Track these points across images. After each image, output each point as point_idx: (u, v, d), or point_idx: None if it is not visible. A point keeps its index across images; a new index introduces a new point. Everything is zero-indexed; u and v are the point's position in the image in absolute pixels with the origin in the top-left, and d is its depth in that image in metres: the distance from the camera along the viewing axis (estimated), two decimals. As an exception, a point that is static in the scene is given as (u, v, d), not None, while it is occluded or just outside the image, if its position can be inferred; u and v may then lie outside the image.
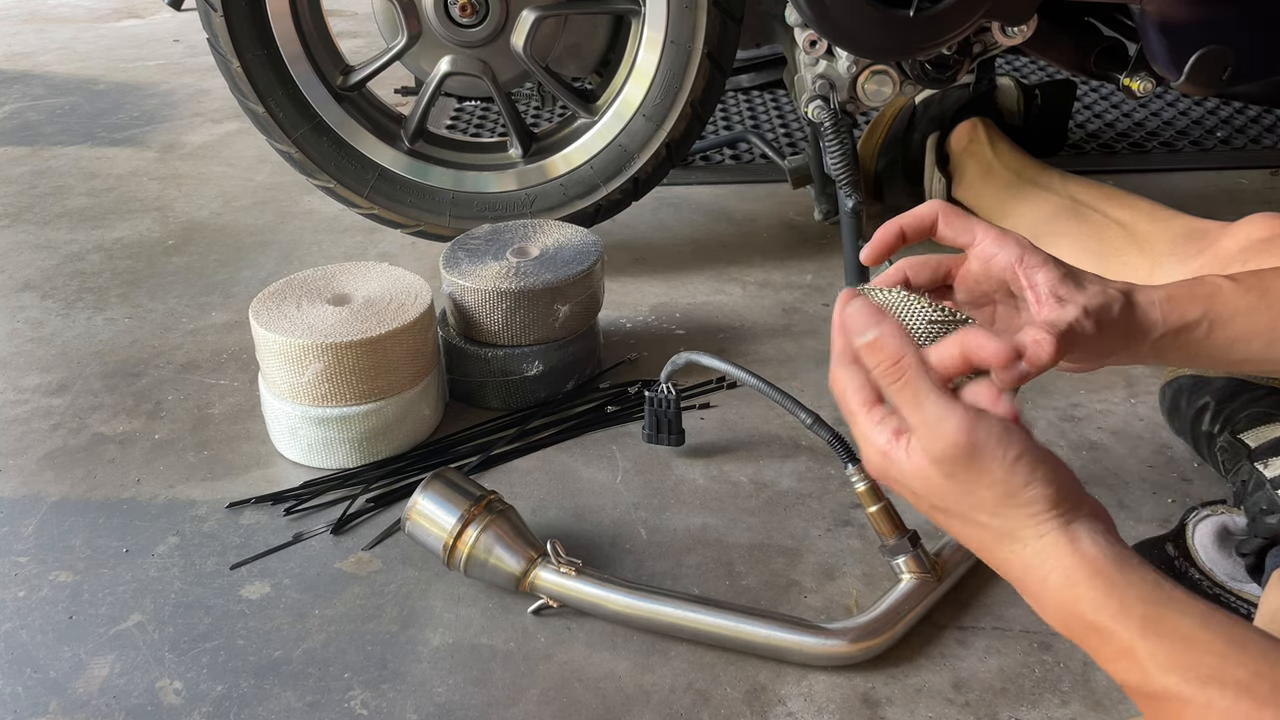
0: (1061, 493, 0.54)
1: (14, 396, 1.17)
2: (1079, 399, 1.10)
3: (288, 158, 1.34)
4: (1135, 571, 0.53)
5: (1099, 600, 0.52)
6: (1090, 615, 0.52)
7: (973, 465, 0.54)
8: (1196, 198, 1.55)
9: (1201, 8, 1.15)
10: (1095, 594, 0.52)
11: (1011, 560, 0.55)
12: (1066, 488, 0.54)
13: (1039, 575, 0.54)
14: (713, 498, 0.98)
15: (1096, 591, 0.52)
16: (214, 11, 1.25)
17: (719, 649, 0.81)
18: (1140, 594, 0.52)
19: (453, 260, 1.12)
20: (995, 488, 0.54)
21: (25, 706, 0.78)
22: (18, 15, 2.85)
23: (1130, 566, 0.53)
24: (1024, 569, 0.55)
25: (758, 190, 1.64)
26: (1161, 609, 0.51)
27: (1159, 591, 0.52)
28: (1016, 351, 0.58)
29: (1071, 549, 0.53)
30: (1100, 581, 0.52)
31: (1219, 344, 0.72)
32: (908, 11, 1.11)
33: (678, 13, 1.25)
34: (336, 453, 1.02)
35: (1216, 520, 0.84)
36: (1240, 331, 0.72)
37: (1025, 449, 0.54)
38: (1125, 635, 0.51)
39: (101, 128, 2.00)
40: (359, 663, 0.81)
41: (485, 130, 1.89)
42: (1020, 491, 0.54)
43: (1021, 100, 1.53)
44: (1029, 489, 0.53)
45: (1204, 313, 0.71)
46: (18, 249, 1.52)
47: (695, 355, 1.00)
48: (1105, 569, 0.53)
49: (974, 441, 0.53)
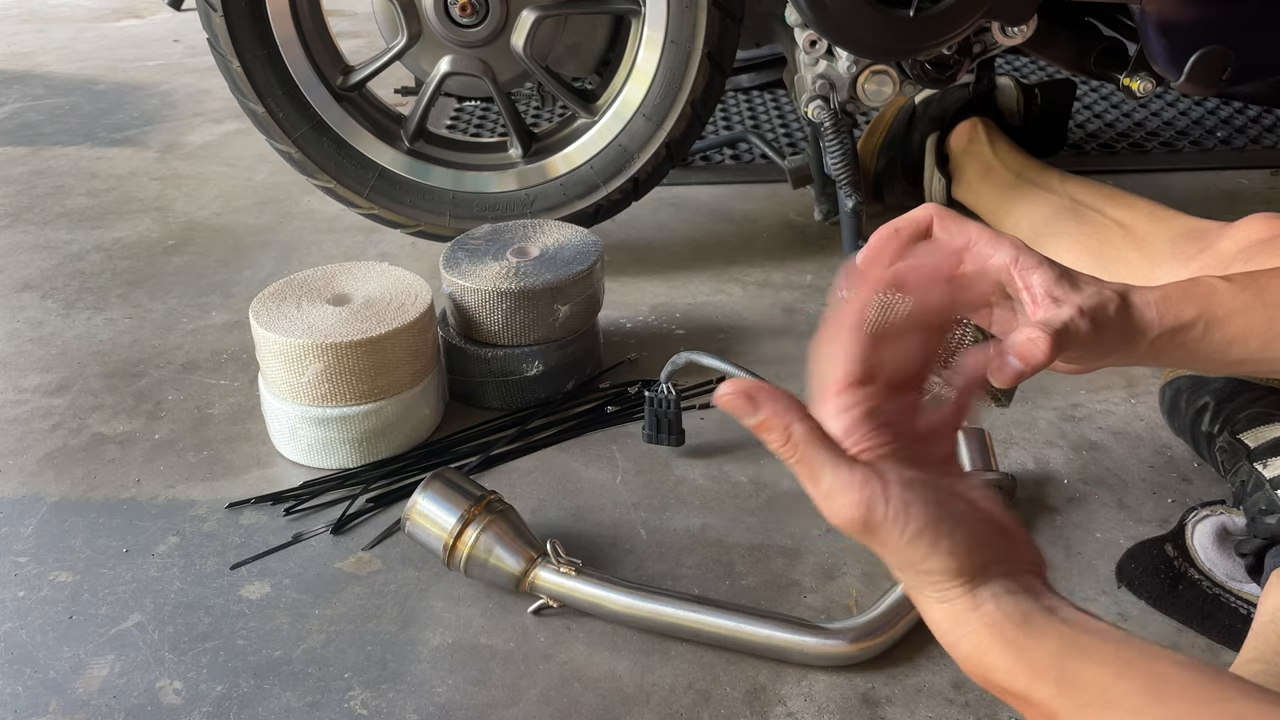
0: (965, 565, 0.51)
1: (14, 396, 1.17)
2: (1079, 399, 1.10)
3: (288, 158, 1.34)
4: (1041, 629, 0.50)
5: (1010, 669, 0.50)
6: (1005, 684, 0.50)
7: (871, 537, 0.51)
8: (1196, 198, 1.55)
9: (1201, 8, 1.15)
10: (1006, 662, 0.50)
11: (925, 614, 0.54)
12: (976, 559, 0.52)
13: (949, 639, 0.52)
14: (713, 498, 0.98)
15: (1007, 660, 0.50)
16: (214, 11, 1.25)
17: (719, 649, 0.81)
18: (1050, 654, 0.49)
19: (453, 260, 1.12)
20: (895, 556, 0.52)
21: (25, 706, 0.78)
22: (17, 15, 2.85)
23: (1036, 624, 0.50)
24: (934, 626, 0.53)
25: (758, 190, 1.64)
26: (1075, 665, 0.49)
27: (1070, 648, 0.49)
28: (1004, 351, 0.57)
29: (975, 616, 0.51)
30: (1010, 650, 0.50)
31: (1215, 344, 0.72)
32: (908, 11, 1.11)
33: (678, 13, 1.25)
34: (336, 453, 1.02)
35: (1216, 520, 0.84)
36: (1236, 331, 0.72)
37: (925, 525, 0.51)
38: (1043, 701, 0.49)
39: (101, 128, 2.00)
40: (359, 663, 0.81)
41: (485, 130, 1.89)
42: (919, 563, 0.52)
43: (1021, 100, 1.53)
44: (927, 562, 0.51)
45: (1200, 313, 0.70)
46: (18, 249, 1.52)
47: (695, 355, 1.01)
48: (1012, 635, 0.50)
49: (868, 517, 0.51)
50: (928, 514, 0.51)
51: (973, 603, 0.52)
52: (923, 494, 0.51)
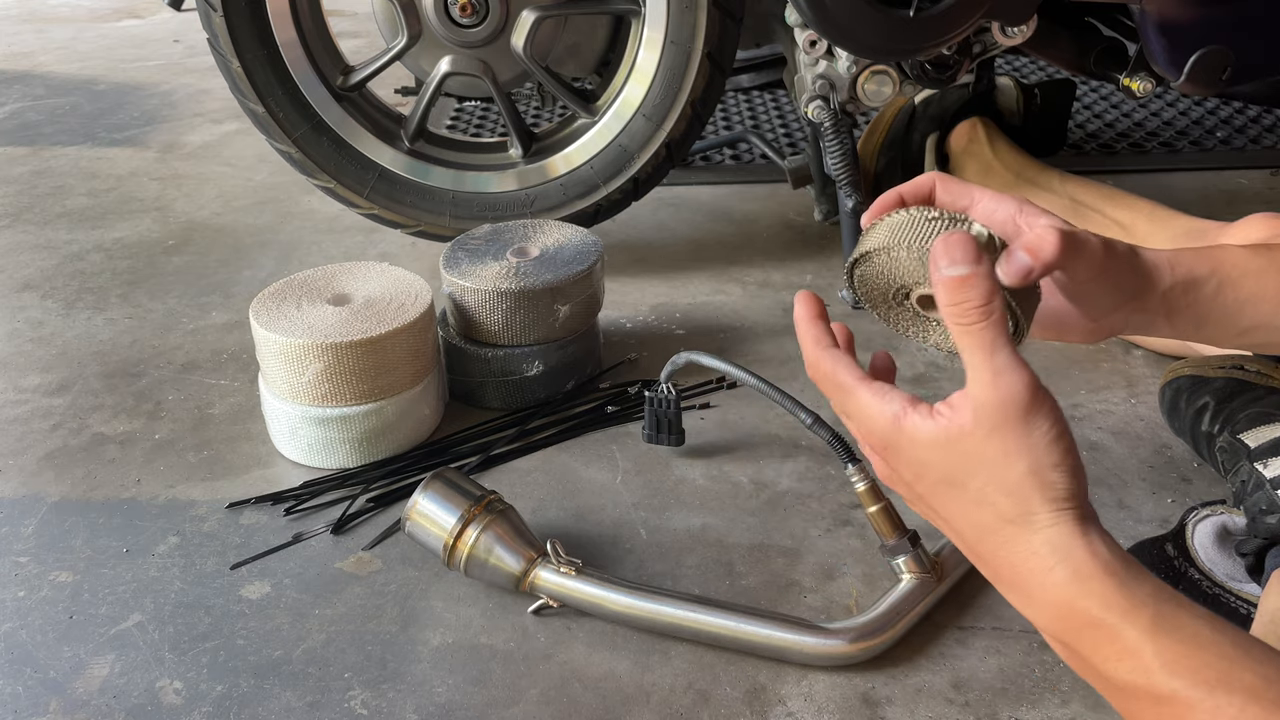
0: (1082, 487, 0.53)
1: (14, 396, 1.17)
2: (1079, 399, 1.10)
3: (288, 158, 1.34)
4: (1144, 573, 0.52)
5: (1109, 597, 0.51)
6: (1097, 611, 0.51)
7: (1021, 425, 0.52)
8: (1196, 198, 1.55)
9: (1201, 8, 1.15)
10: (1106, 590, 0.51)
11: (1012, 547, 0.54)
12: (1085, 489, 0.54)
13: (1044, 565, 0.52)
14: (713, 498, 0.98)
15: (1108, 588, 0.51)
16: (214, 11, 1.25)
17: (719, 649, 0.81)
18: (1150, 593, 0.51)
19: (453, 260, 1.12)
20: (1027, 458, 0.52)
21: (25, 706, 0.78)
22: (17, 15, 2.85)
23: (1138, 568, 0.52)
24: (1027, 555, 0.53)
25: (758, 190, 1.64)
26: (1171, 609, 0.50)
27: (1166, 592, 0.51)
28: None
29: (1085, 542, 0.52)
30: (1112, 579, 0.51)
31: (1229, 304, 0.70)
32: (908, 11, 1.11)
33: (678, 13, 1.25)
34: (336, 453, 1.02)
35: (1216, 520, 0.84)
36: (1249, 293, 0.70)
37: (1067, 431, 0.53)
38: (1133, 634, 0.50)
39: (101, 128, 2.00)
40: (359, 663, 0.81)
41: (485, 130, 1.89)
42: (1048, 471, 0.52)
43: (1021, 100, 1.53)
44: (1057, 470, 0.52)
45: (1212, 270, 0.69)
46: (18, 249, 1.52)
47: (695, 355, 1.00)
48: (1117, 567, 0.51)
49: (1035, 400, 0.52)
50: (1068, 427, 0.54)
51: (1082, 530, 0.52)
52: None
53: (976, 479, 0.54)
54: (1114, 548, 0.53)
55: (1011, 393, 0.52)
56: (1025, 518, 0.53)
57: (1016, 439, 0.53)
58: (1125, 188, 1.29)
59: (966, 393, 0.54)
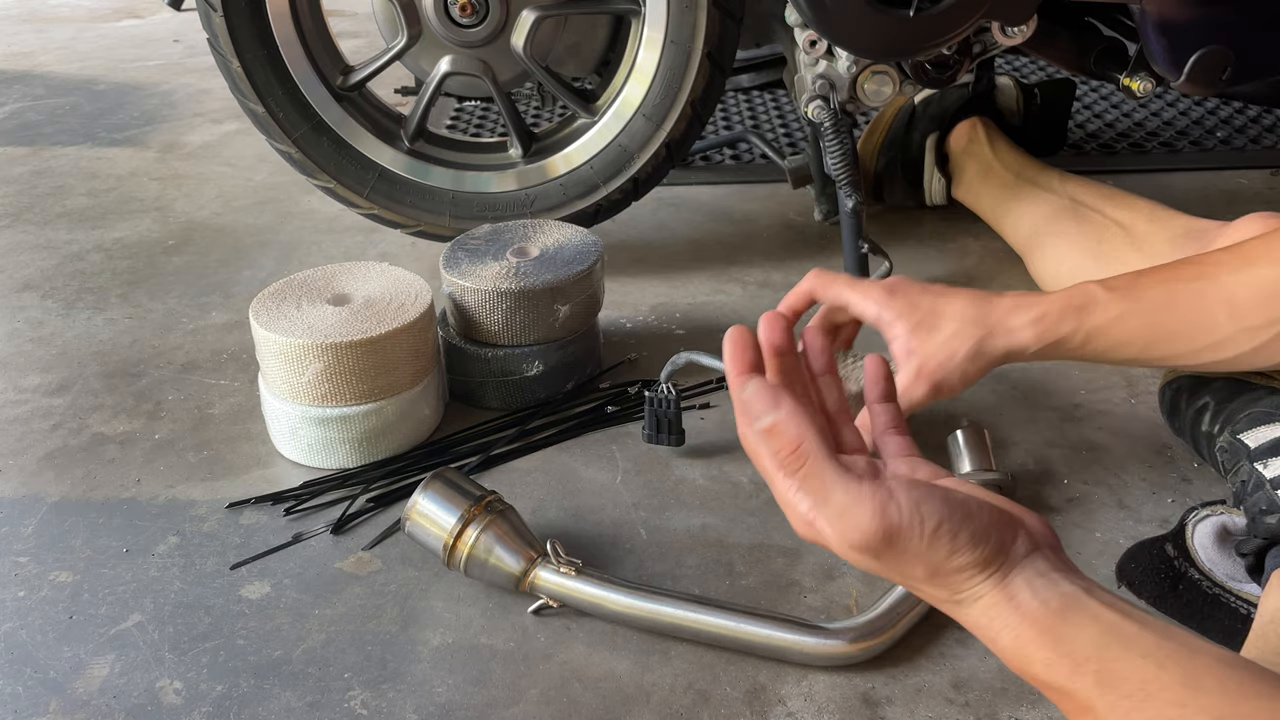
0: (990, 550, 0.51)
1: (14, 396, 1.17)
2: (1079, 399, 1.10)
3: (288, 158, 1.34)
4: (1081, 616, 0.50)
5: (1050, 661, 0.49)
6: (1044, 677, 0.50)
7: (892, 548, 0.51)
8: (1196, 198, 1.55)
9: (1201, 8, 1.15)
10: (1045, 654, 0.49)
11: (962, 619, 0.53)
12: (995, 541, 0.51)
13: (990, 633, 0.52)
14: (713, 498, 0.98)
15: (1045, 651, 0.49)
16: (214, 11, 1.25)
17: (719, 649, 0.81)
18: (1089, 644, 0.49)
19: (453, 260, 1.12)
20: (920, 564, 0.51)
21: (25, 706, 0.78)
22: (17, 15, 2.85)
23: (1074, 611, 0.50)
24: (974, 628, 0.53)
25: (758, 190, 1.64)
26: (1114, 657, 0.48)
27: (1111, 633, 0.49)
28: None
29: (1011, 608, 0.51)
30: (1047, 640, 0.50)
31: (1098, 350, 0.81)
32: (908, 11, 1.11)
33: (678, 13, 1.25)
34: (336, 453, 1.02)
35: (1216, 520, 0.84)
36: (1116, 339, 0.80)
37: (942, 517, 0.51)
38: (1082, 694, 0.49)
39: (102, 128, 2.00)
40: (359, 663, 0.81)
41: (485, 130, 1.89)
42: (945, 564, 0.51)
43: (1021, 100, 1.53)
44: (953, 558, 0.51)
45: (1076, 326, 0.79)
46: (18, 249, 1.52)
47: (695, 355, 1.00)
48: (1050, 624, 0.50)
49: (887, 526, 0.50)
50: (939, 509, 0.51)
51: (1006, 594, 0.51)
52: (927, 490, 0.51)
53: (896, 578, 0.54)
54: (1048, 595, 0.50)
55: (860, 532, 0.51)
56: (953, 600, 0.53)
57: (897, 557, 0.51)
58: (1125, 188, 1.29)
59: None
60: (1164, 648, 0.48)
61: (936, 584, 0.52)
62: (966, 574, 0.51)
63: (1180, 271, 0.82)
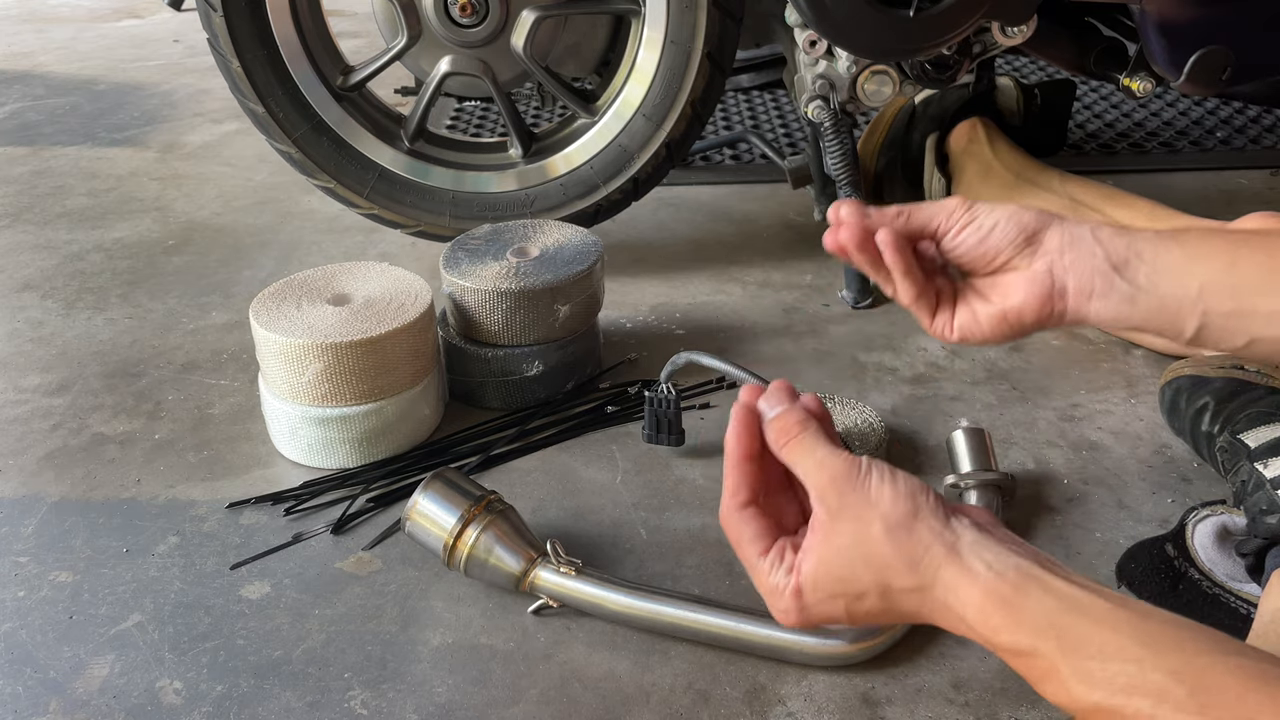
0: (945, 517, 0.56)
1: (14, 396, 1.17)
2: (1079, 399, 1.10)
3: (288, 158, 1.34)
4: (1037, 584, 0.53)
5: (1011, 629, 0.52)
6: (1010, 645, 0.52)
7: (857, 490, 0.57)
8: (1196, 198, 1.55)
9: (1201, 8, 1.15)
10: (1007, 624, 0.52)
11: (929, 612, 0.56)
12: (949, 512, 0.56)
13: (954, 616, 0.55)
14: (713, 498, 0.98)
15: (1008, 621, 0.52)
16: (214, 11, 1.25)
17: (719, 649, 0.81)
18: (1047, 610, 0.52)
19: (453, 260, 1.12)
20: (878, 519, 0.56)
21: (25, 706, 0.78)
22: (17, 15, 2.85)
23: (1029, 583, 0.53)
24: (942, 612, 0.56)
25: (758, 190, 1.64)
26: (1071, 620, 0.51)
27: (1065, 602, 0.52)
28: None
29: (969, 580, 0.54)
30: (1009, 611, 0.52)
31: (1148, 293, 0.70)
32: (908, 11, 1.11)
33: (678, 13, 1.25)
34: (336, 453, 1.02)
35: (1216, 520, 0.84)
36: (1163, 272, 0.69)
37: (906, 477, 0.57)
38: (1046, 658, 0.51)
39: (102, 128, 2.00)
40: (359, 663, 0.81)
41: (485, 130, 1.89)
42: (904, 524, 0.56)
43: (1021, 100, 1.53)
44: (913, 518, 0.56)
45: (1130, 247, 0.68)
46: (18, 249, 1.52)
47: (695, 355, 1.00)
48: (1008, 596, 0.53)
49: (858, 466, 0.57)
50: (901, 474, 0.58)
51: (961, 567, 0.54)
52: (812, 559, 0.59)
53: (860, 570, 0.57)
54: (1003, 570, 0.53)
55: (836, 469, 0.58)
56: (917, 579, 0.56)
57: (860, 504, 0.57)
58: (1125, 188, 1.29)
59: (811, 498, 0.59)
60: (1117, 614, 0.51)
61: (895, 551, 0.56)
62: (920, 537, 0.55)
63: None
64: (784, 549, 0.60)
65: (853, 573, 0.57)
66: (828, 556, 0.58)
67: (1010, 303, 0.66)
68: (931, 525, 0.56)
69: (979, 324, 0.67)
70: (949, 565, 0.55)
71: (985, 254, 0.66)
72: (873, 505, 0.56)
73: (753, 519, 0.62)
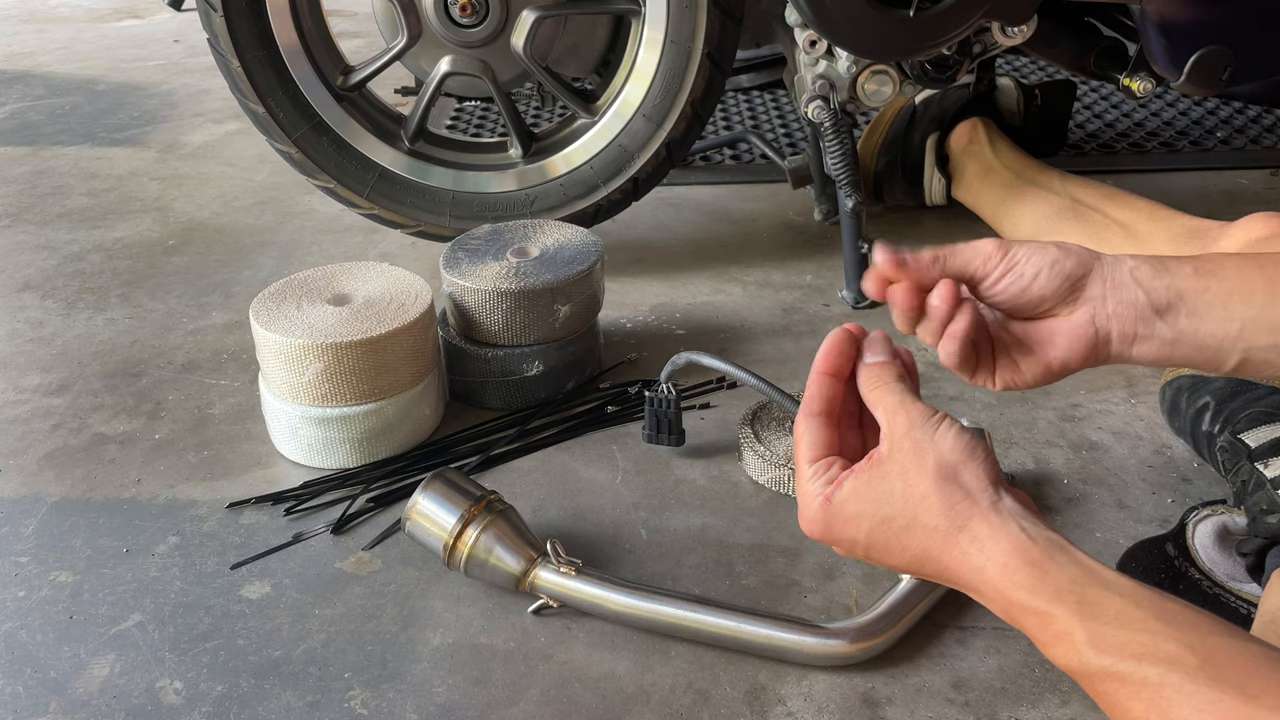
0: (994, 479, 0.59)
1: (14, 396, 1.17)
2: (1079, 399, 1.10)
3: (288, 158, 1.34)
4: (1065, 554, 0.55)
5: (1034, 586, 0.55)
6: (1028, 601, 0.55)
7: (926, 426, 0.60)
8: (1196, 198, 1.55)
9: (1201, 8, 1.15)
10: (1030, 580, 0.55)
11: (947, 556, 0.59)
12: (998, 478, 0.59)
13: (974, 565, 0.57)
14: (713, 498, 0.98)
15: (1031, 578, 0.55)
16: (214, 11, 1.25)
17: (719, 649, 0.81)
18: (1072, 577, 0.54)
19: (453, 260, 1.12)
20: (932, 454, 0.59)
21: (25, 706, 0.78)
22: (18, 15, 2.85)
23: (1058, 551, 0.56)
24: (960, 561, 0.58)
25: (758, 190, 1.64)
26: (1094, 591, 0.53)
27: (1090, 574, 0.54)
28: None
29: (1005, 534, 0.56)
30: (1034, 570, 0.55)
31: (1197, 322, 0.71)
32: (908, 11, 1.11)
33: (678, 13, 1.25)
34: (337, 453, 1.02)
35: (1216, 520, 0.84)
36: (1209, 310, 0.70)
37: (972, 435, 0.61)
38: (1062, 619, 0.53)
39: (102, 128, 2.00)
40: (359, 663, 0.81)
41: (485, 130, 1.89)
42: (958, 466, 0.59)
43: (1021, 100, 1.53)
44: (966, 466, 0.59)
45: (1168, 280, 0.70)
46: (18, 249, 1.52)
47: (695, 355, 1.00)
48: (1036, 557, 0.55)
49: (934, 412, 0.61)
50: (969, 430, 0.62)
51: (999, 521, 0.57)
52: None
53: (897, 502, 0.60)
54: (1035, 535, 0.56)
55: (914, 412, 0.61)
56: (948, 520, 0.58)
57: (922, 441, 0.60)
58: (1125, 188, 1.29)
59: (882, 433, 0.62)
60: (1139, 591, 0.53)
61: (939, 489, 0.58)
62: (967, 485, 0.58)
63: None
64: (833, 464, 0.64)
65: (889, 497, 0.60)
66: (872, 480, 0.61)
67: (1055, 355, 0.66)
68: (979, 477, 0.58)
69: (1022, 376, 0.68)
70: (984, 519, 0.57)
71: (1027, 304, 0.66)
72: (934, 444, 0.59)
73: (817, 428, 0.65)
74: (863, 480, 0.61)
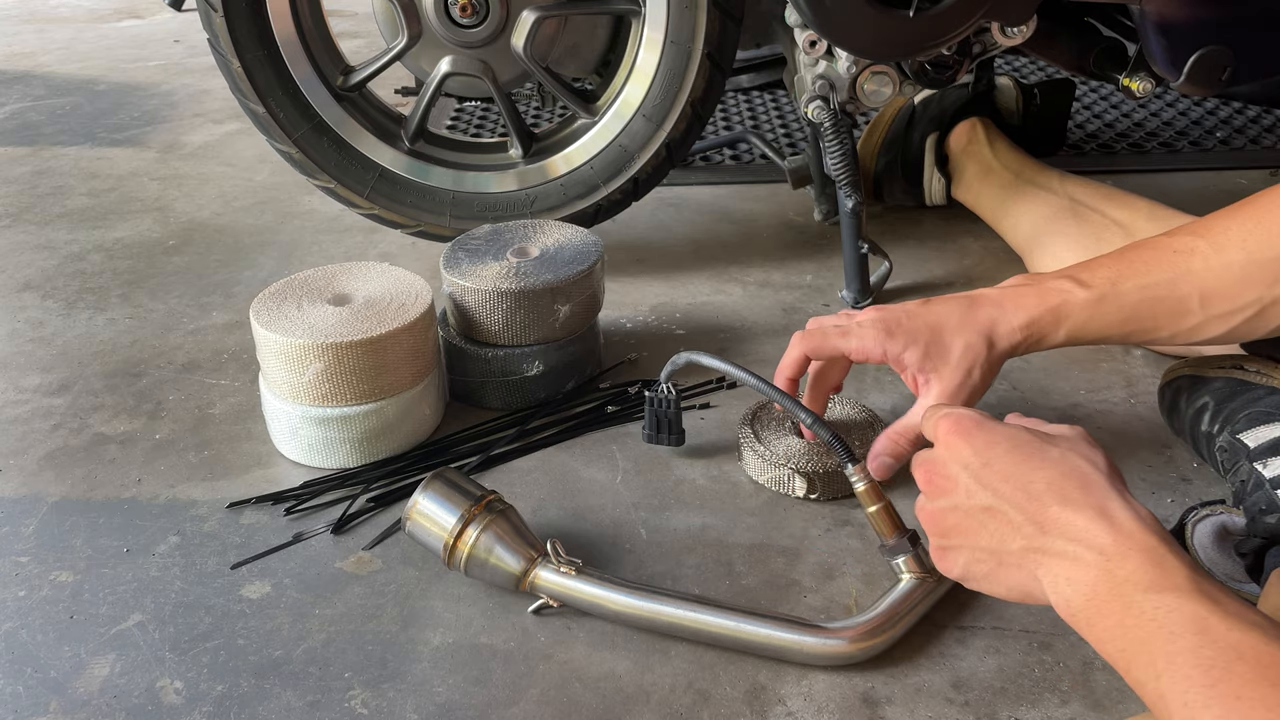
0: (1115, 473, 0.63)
1: (14, 396, 1.17)
2: (1079, 399, 1.10)
3: (288, 158, 1.34)
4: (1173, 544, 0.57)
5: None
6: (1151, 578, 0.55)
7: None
8: (1196, 198, 1.55)
9: (1201, 8, 1.15)
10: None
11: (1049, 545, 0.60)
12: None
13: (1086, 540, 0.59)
14: (713, 498, 0.98)
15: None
16: (214, 11, 1.25)
17: (719, 649, 0.81)
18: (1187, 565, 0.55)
19: (453, 260, 1.12)
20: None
21: (25, 706, 0.78)
22: (18, 15, 2.85)
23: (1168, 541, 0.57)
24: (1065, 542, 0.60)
25: (758, 190, 1.64)
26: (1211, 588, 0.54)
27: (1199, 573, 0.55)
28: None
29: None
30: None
31: (1078, 342, 0.87)
32: (908, 12, 1.11)
33: (678, 13, 1.25)
34: (337, 453, 1.02)
35: (1216, 520, 0.84)
36: (1095, 334, 0.86)
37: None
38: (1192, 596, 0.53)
39: (102, 128, 2.00)
40: (359, 662, 0.82)
41: (485, 130, 1.89)
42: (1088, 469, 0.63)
43: (1021, 100, 1.53)
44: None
45: (1058, 329, 0.85)
46: (18, 249, 1.52)
47: (695, 355, 1.00)
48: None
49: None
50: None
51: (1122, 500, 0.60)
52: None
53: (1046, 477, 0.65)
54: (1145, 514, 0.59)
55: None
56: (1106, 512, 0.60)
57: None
58: (1125, 188, 1.29)
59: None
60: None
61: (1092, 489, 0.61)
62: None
63: (1154, 265, 0.85)
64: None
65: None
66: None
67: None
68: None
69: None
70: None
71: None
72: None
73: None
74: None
